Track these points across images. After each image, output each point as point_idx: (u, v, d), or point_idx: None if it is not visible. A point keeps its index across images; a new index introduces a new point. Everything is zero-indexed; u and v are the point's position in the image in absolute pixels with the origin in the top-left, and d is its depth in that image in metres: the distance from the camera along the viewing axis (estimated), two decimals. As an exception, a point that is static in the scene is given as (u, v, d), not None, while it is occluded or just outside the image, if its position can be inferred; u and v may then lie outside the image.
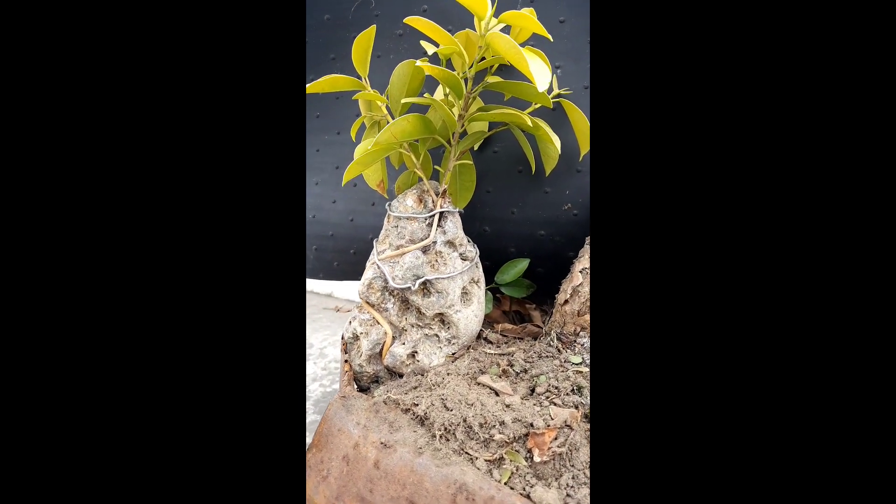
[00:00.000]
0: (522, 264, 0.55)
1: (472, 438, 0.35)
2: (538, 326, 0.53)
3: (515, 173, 0.57)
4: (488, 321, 0.56)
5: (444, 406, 0.37)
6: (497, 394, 0.38)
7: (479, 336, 0.50)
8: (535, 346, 0.45)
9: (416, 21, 0.41)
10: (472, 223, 0.58)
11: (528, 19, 0.37)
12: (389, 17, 0.58)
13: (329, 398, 0.86)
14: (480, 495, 0.31)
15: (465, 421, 0.35)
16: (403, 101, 0.41)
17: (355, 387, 0.47)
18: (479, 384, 0.40)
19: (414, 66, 0.41)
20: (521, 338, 0.51)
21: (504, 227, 0.57)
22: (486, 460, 0.33)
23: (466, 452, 0.34)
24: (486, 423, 0.35)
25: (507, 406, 0.36)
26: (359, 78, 0.45)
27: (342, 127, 0.64)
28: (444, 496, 0.32)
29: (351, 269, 0.66)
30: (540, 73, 0.34)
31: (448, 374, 0.40)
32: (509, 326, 0.53)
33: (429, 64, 0.38)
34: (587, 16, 0.51)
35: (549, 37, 0.36)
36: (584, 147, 0.46)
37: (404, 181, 0.50)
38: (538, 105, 0.46)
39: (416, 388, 0.42)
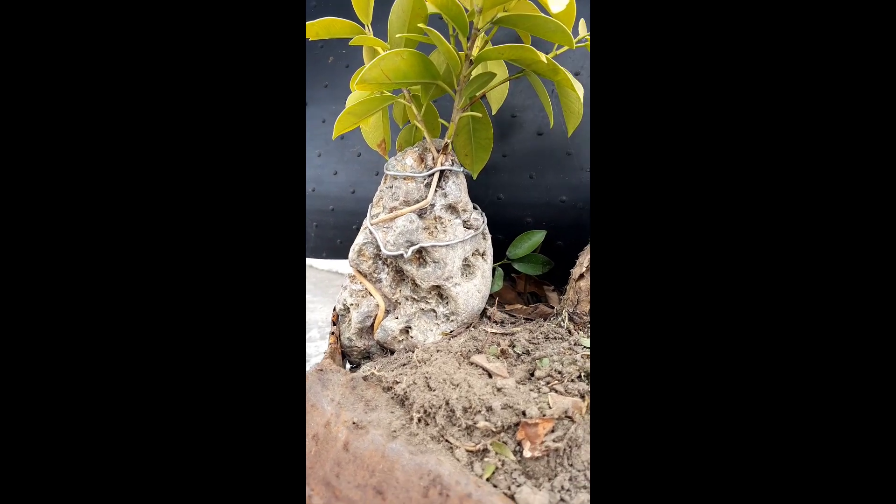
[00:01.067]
0: (538, 236, 0.49)
1: (454, 424, 0.30)
2: (551, 307, 0.46)
3: (534, 136, 0.51)
4: (501, 303, 0.50)
5: (427, 385, 0.32)
6: (490, 375, 0.33)
7: (482, 314, 0.45)
8: (542, 326, 0.40)
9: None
10: (486, 190, 0.52)
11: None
12: None
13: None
14: (456, 491, 0.26)
15: (447, 403, 0.30)
16: (398, 35, 0.36)
17: (341, 361, 0.43)
18: (471, 364, 0.35)
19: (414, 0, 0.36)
20: (531, 318, 0.45)
21: (521, 195, 0.51)
22: (467, 451, 0.28)
23: (446, 440, 0.29)
24: (470, 407, 0.29)
25: (499, 389, 0.30)
26: (361, 25, 0.40)
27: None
28: (414, 488, 0.27)
29: None
30: (553, -6, 0.28)
31: (438, 350, 0.36)
32: (519, 307, 0.47)
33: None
34: None
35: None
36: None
37: (405, 138, 0.45)
38: (561, 50, 0.39)
39: (404, 365, 0.37)
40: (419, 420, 0.30)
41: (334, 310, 0.46)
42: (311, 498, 0.31)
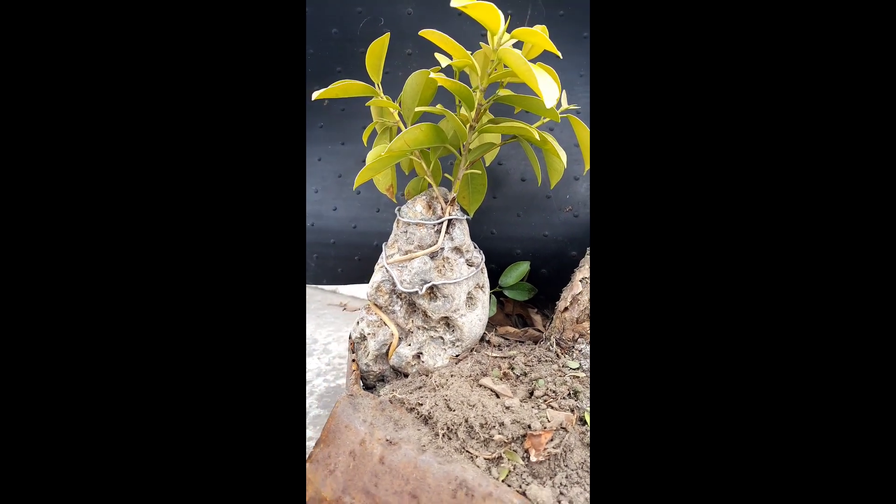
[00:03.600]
0: (524, 266, 0.57)
1: (473, 438, 0.36)
2: (538, 331, 0.54)
3: (519, 182, 0.59)
4: (491, 323, 0.58)
5: (448, 406, 0.38)
6: (497, 395, 0.40)
7: (481, 339, 0.52)
8: (535, 349, 0.47)
9: (431, 34, 0.42)
10: (480, 227, 0.60)
11: (538, 36, 0.38)
12: (398, 35, 0.59)
13: (333, 393, 0.88)
14: (479, 491, 0.33)
15: (466, 421, 0.37)
16: (417, 109, 0.43)
17: (362, 385, 0.49)
18: (480, 386, 0.42)
19: (427, 77, 0.43)
20: (522, 341, 0.53)
21: (510, 230, 0.58)
22: (485, 459, 0.35)
23: (467, 451, 0.36)
24: (486, 423, 0.36)
25: (507, 408, 0.38)
26: (372, 84, 0.46)
27: (346, 137, 0.65)
28: (444, 491, 0.34)
29: (356, 273, 0.68)
30: (548, 88, 0.35)
31: (452, 375, 0.42)
32: (511, 330, 0.55)
33: (443, 76, 0.40)
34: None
35: (559, 54, 0.38)
36: (588, 162, 0.47)
37: (414, 187, 0.52)
38: (546, 119, 0.47)
39: (420, 388, 0.44)
40: (443, 435, 0.37)
41: (350, 338, 0.51)
42: (353, 505, 0.37)
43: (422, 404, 0.40)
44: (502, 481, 0.34)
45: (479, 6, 0.36)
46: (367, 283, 0.71)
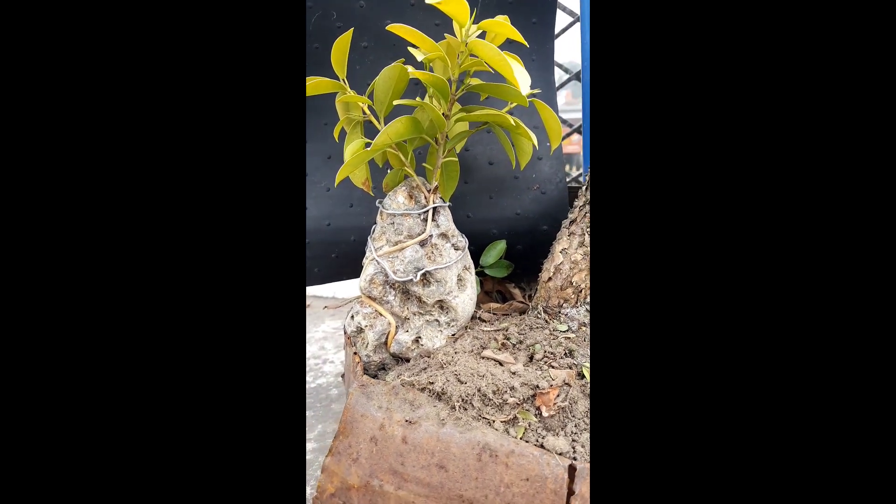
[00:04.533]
0: (501, 245, 0.61)
1: (488, 405, 0.39)
2: (522, 302, 0.58)
3: (487, 165, 0.62)
4: (477, 303, 0.61)
5: (458, 380, 0.41)
6: (502, 364, 0.43)
7: (472, 316, 0.55)
8: (525, 319, 0.51)
9: (398, 28, 0.43)
10: (455, 212, 0.62)
11: (504, 26, 0.40)
12: (350, 28, 0.59)
13: (314, 393, 0.88)
14: (502, 451, 0.36)
15: (479, 391, 0.40)
16: (396, 102, 0.44)
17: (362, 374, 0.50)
18: (484, 358, 0.45)
19: (400, 70, 0.44)
20: (508, 314, 0.57)
21: (484, 212, 0.61)
22: (502, 422, 0.38)
23: (484, 417, 0.39)
24: (498, 390, 0.40)
25: (514, 373, 0.41)
26: (338, 80, 0.47)
27: (308, 137, 0.64)
28: (470, 457, 0.37)
29: (333, 271, 0.68)
30: (522, 76, 0.38)
31: (456, 352, 0.45)
32: (495, 305, 0.58)
33: (415, 70, 0.41)
34: (554, 17, 0.56)
35: (525, 42, 0.40)
36: (556, 142, 0.51)
37: (392, 179, 0.53)
38: (514, 104, 0.50)
39: (425, 369, 0.46)
40: (460, 407, 0.39)
41: (345, 333, 0.52)
42: (382, 486, 0.39)
43: (432, 382, 0.42)
44: (521, 439, 0.37)
45: (451, 1, 0.38)
46: (345, 279, 0.71)
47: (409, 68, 0.41)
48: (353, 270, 0.69)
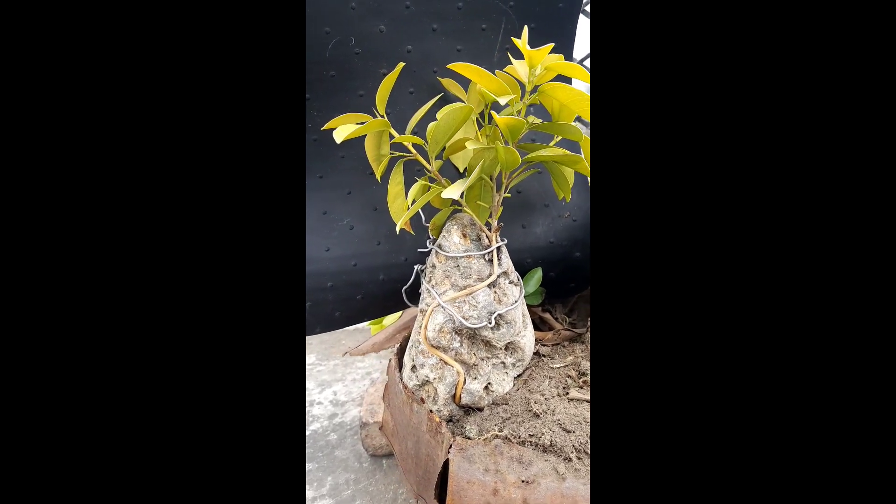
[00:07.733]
0: (538, 274, 0.60)
1: (601, 451, 0.39)
2: (567, 330, 0.59)
3: (516, 194, 0.61)
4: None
5: (564, 430, 0.40)
6: (595, 405, 0.43)
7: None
8: (583, 350, 0.51)
9: (461, 67, 0.41)
10: (488, 244, 0.61)
11: (571, 67, 0.40)
12: (371, 55, 0.55)
13: (311, 441, 0.80)
14: (631, 498, 0.36)
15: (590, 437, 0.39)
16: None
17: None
18: (572, 400, 0.44)
19: (466, 111, 0.41)
20: (559, 343, 0.57)
21: (518, 241, 0.61)
22: (619, 467, 0.38)
23: (600, 465, 0.38)
24: (608, 434, 0.39)
25: (615, 414, 0.41)
26: (382, 118, 0.44)
27: (323, 170, 0.59)
28: (599, 510, 0.36)
29: (356, 313, 0.63)
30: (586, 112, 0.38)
31: (550, 397, 0.44)
32: (545, 335, 0.58)
33: (496, 114, 0.40)
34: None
35: (587, 77, 0.40)
36: (586, 170, 0.52)
37: (441, 219, 0.50)
38: (559, 138, 0.50)
39: (509, 419, 0.44)
40: (576, 458, 0.38)
41: (406, 388, 0.48)
42: (508, 557, 0.36)
43: (533, 435, 0.40)
44: (642, 481, 0.37)
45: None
46: (366, 321, 0.66)
47: (497, 116, 0.39)
48: (378, 310, 0.64)
